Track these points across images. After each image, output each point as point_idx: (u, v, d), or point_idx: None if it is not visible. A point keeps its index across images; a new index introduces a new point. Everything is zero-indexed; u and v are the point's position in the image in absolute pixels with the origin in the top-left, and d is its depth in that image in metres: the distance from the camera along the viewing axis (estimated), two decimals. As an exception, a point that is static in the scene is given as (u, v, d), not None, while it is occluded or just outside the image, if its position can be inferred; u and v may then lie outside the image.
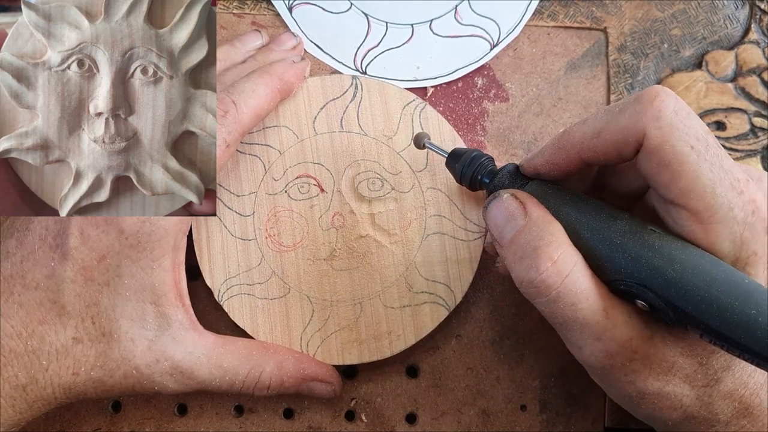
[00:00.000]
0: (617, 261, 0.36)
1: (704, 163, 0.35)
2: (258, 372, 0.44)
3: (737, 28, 0.51)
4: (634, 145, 0.36)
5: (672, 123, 0.35)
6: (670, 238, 0.36)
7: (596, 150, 0.38)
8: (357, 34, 0.51)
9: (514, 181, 0.41)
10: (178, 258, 0.43)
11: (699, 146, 0.35)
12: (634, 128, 0.36)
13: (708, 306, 0.34)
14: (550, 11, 0.51)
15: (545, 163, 0.40)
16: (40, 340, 0.40)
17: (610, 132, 0.37)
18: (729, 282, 0.34)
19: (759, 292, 0.33)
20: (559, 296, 0.37)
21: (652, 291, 0.35)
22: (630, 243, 0.36)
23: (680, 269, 0.35)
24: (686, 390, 0.38)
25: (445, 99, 0.51)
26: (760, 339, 0.32)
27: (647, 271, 0.35)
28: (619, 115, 0.37)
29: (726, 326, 0.33)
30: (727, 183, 0.35)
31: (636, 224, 0.37)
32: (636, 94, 0.37)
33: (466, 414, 0.49)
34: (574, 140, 0.39)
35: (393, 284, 0.48)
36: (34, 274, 0.41)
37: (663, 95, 0.36)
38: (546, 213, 0.38)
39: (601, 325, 0.37)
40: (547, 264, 0.37)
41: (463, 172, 0.43)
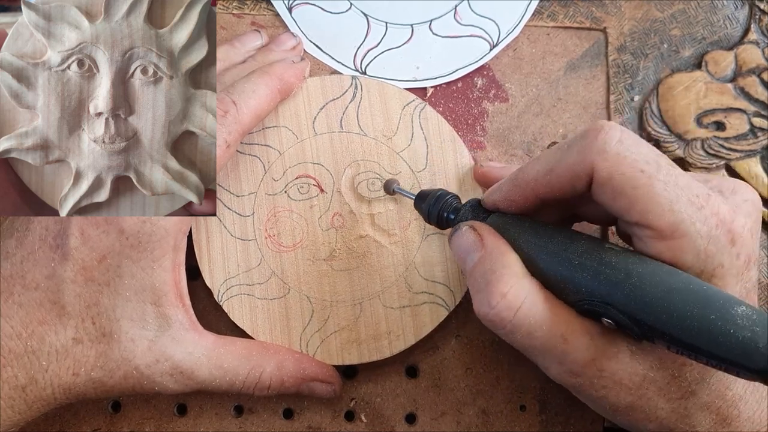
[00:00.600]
0: (577, 281, 0.37)
1: (658, 183, 0.36)
2: (258, 372, 0.44)
3: (737, 29, 0.51)
4: (585, 180, 0.37)
5: (618, 152, 0.36)
6: (628, 253, 0.36)
7: (550, 186, 0.39)
8: (357, 34, 0.51)
9: (476, 215, 0.42)
10: (178, 258, 0.43)
11: (649, 169, 0.36)
12: (583, 163, 0.37)
13: (668, 315, 0.34)
14: (549, 11, 0.51)
15: (503, 199, 0.41)
16: (39, 341, 0.40)
17: (561, 169, 0.38)
18: (687, 290, 0.34)
19: (717, 298, 0.34)
20: (515, 328, 0.38)
21: (614, 307, 0.36)
22: (588, 262, 0.36)
23: (638, 282, 0.35)
24: (661, 403, 0.38)
25: (444, 99, 0.51)
26: (721, 344, 0.33)
27: (606, 288, 0.36)
28: (567, 151, 0.38)
29: (687, 334, 0.33)
30: (685, 199, 0.36)
31: (593, 243, 0.37)
32: (583, 130, 0.38)
33: (466, 414, 0.49)
34: (528, 177, 0.40)
35: (393, 284, 0.48)
36: (34, 274, 0.40)
37: (607, 128, 0.37)
38: (501, 244, 0.39)
39: (561, 350, 0.38)
40: (498, 299, 0.37)
41: (429, 212, 0.44)
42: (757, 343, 0.32)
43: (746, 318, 0.32)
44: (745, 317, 0.33)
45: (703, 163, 0.50)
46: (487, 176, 0.48)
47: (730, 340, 0.32)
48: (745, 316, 0.33)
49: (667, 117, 0.50)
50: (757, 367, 0.32)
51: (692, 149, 0.50)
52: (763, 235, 0.50)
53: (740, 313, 0.33)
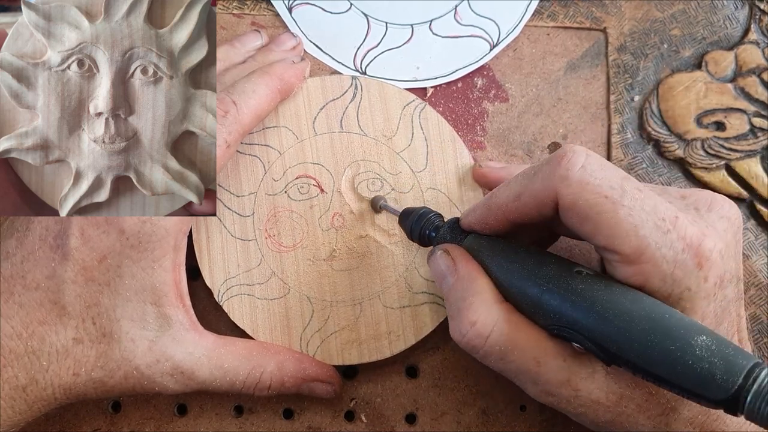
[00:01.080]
0: (545, 306, 0.37)
1: (622, 209, 0.36)
2: (258, 372, 0.44)
3: (737, 29, 0.51)
4: (551, 206, 0.38)
5: (581, 179, 0.37)
6: (594, 279, 0.37)
7: (519, 212, 0.39)
8: (357, 34, 0.51)
9: (454, 235, 0.43)
10: (178, 258, 0.43)
11: (613, 194, 0.36)
12: (547, 190, 0.37)
13: (629, 344, 0.34)
14: (549, 11, 0.51)
15: (477, 221, 0.41)
16: (40, 341, 0.40)
17: (527, 195, 0.38)
18: (648, 318, 0.34)
19: (678, 327, 0.34)
20: (486, 354, 0.39)
21: (580, 333, 0.36)
22: (555, 288, 0.37)
23: (601, 310, 0.35)
24: (641, 419, 0.38)
25: (444, 99, 0.51)
26: (680, 373, 0.33)
27: (572, 314, 0.36)
28: (534, 178, 0.38)
29: (648, 363, 0.34)
30: (651, 223, 0.36)
31: (562, 268, 0.38)
32: (549, 156, 0.38)
33: (466, 414, 0.49)
34: (499, 202, 0.40)
35: (393, 284, 0.48)
36: (35, 274, 0.40)
37: (570, 154, 0.37)
38: (473, 269, 0.40)
39: (534, 372, 0.38)
40: (467, 327, 0.38)
41: (412, 229, 0.44)
42: (714, 374, 0.32)
43: (705, 349, 0.33)
44: (704, 348, 0.33)
45: (703, 163, 0.50)
46: (486, 176, 0.48)
47: (688, 371, 0.33)
48: (704, 346, 0.33)
49: (667, 117, 0.50)
50: (716, 398, 0.32)
51: (692, 149, 0.50)
52: (763, 235, 0.50)
53: (700, 344, 0.33)
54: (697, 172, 0.50)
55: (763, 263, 0.50)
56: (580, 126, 0.51)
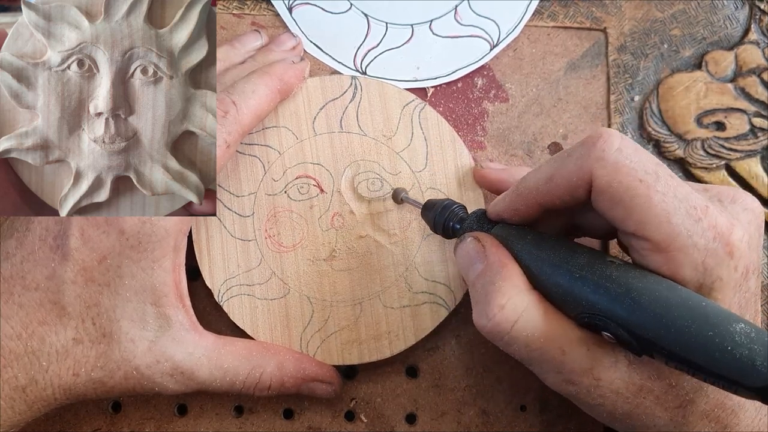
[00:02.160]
0: (578, 294, 0.37)
1: (656, 195, 0.36)
2: (258, 372, 0.44)
3: (737, 29, 0.51)
4: (584, 188, 0.37)
5: (616, 161, 0.36)
6: (628, 267, 0.36)
7: (551, 195, 0.39)
8: (357, 34, 0.51)
9: (481, 226, 0.42)
10: (178, 258, 0.43)
11: (648, 179, 0.36)
12: (581, 171, 0.37)
13: (666, 331, 0.34)
14: (549, 11, 0.51)
15: (506, 209, 0.41)
16: (40, 341, 0.40)
17: (560, 177, 0.38)
18: (685, 306, 0.34)
19: (715, 314, 0.33)
20: (512, 340, 0.38)
21: (613, 321, 0.36)
22: (588, 275, 0.37)
23: (637, 297, 0.35)
24: (658, 411, 0.38)
25: (444, 99, 0.51)
26: (718, 360, 0.33)
27: (606, 302, 0.36)
28: (567, 159, 0.38)
29: (685, 350, 0.33)
30: (683, 211, 0.36)
31: (594, 257, 0.37)
32: (583, 139, 0.38)
33: (466, 414, 0.49)
34: (530, 187, 0.40)
35: (393, 284, 0.48)
36: (35, 274, 0.40)
37: (606, 136, 0.37)
38: (503, 256, 0.40)
39: (558, 360, 0.38)
40: (495, 311, 0.38)
41: (436, 221, 0.44)
42: (755, 361, 0.32)
43: (744, 335, 0.32)
44: (743, 335, 0.33)
45: (704, 163, 0.50)
46: (486, 177, 0.48)
47: (727, 358, 0.32)
48: (744, 333, 0.33)
49: (668, 117, 0.50)
50: (754, 385, 0.32)
51: (692, 149, 0.50)
52: (763, 235, 0.50)
53: (739, 331, 0.33)
54: (697, 172, 0.50)
55: (763, 263, 0.50)
56: (580, 126, 0.51)
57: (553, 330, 0.38)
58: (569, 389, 0.39)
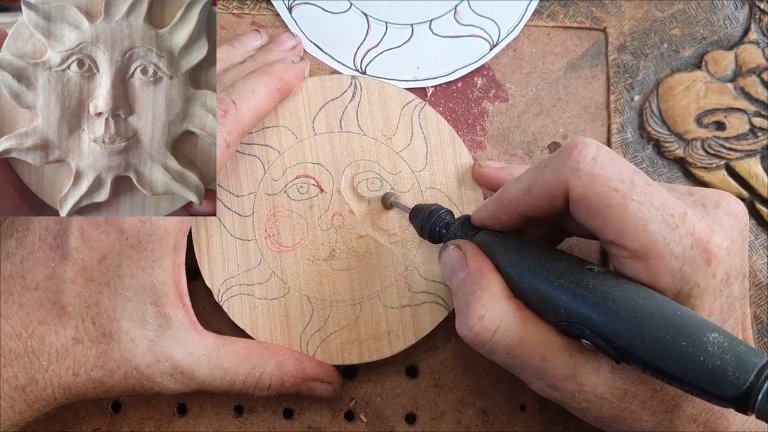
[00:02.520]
0: (557, 302, 0.37)
1: (632, 203, 0.36)
2: (258, 372, 0.44)
3: (737, 28, 0.51)
4: (562, 198, 0.38)
5: (591, 171, 0.36)
6: (606, 276, 0.37)
7: (530, 205, 0.39)
8: (356, 34, 0.51)
9: (465, 232, 0.43)
10: (178, 258, 0.43)
11: (624, 188, 0.36)
12: (558, 182, 0.37)
13: (641, 340, 0.34)
14: (549, 11, 0.51)
15: (489, 217, 0.42)
16: (40, 341, 0.40)
17: (538, 188, 0.38)
18: (660, 315, 0.34)
19: (690, 324, 0.34)
20: (493, 348, 0.39)
21: (591, 329, 0.36)
22: (567, 284, 0.37)
23: (613, 306, 0.35)
24: (644, 416, 0.38)
25: (444, 99, 0.51)
26: (691, 370, 0.33)
27: (584, 310, 0.36)
28: (544, 170, 0.38)
29: (660, 359, 0.34)
30: (660, 219, 0.36)
31: (573, 265, 0.38)
32: (560, 148, 0.38)
33: (466, 414, 0.49)
34: (510, 197, 0.40)
35: (392, 284, 0.48)
36: (34, 274, 0.40)
37: (581, 146, 0.37)
38: (483, 265, 0.40)
39: (540, 367, 0.38)
40: (475, 321, 0.38)
41: (423, 225, 0.45)
42: (726, 371, 0.32)
43: (717, 345, 0.33)
44: (716, 344, 0.33)
45: (703, 163, 0.50)
46: (485, 176, 0.48)
47: (700, 368, 0.33)
48: (717, 343, 0.33)
49: (667, 117, 0.50)
50: (727, 395, 0.32)
51: (692, 149, 0.50)
52: (763, 235, 0.50)
53: (712, 341, 0.33)
54: (697, 171, 0.50)
55: (763, 263, 0.50)
56: (580, 126, 0.51)
57: (532, 337, 0.38)
58: (554, 394, 0.39)
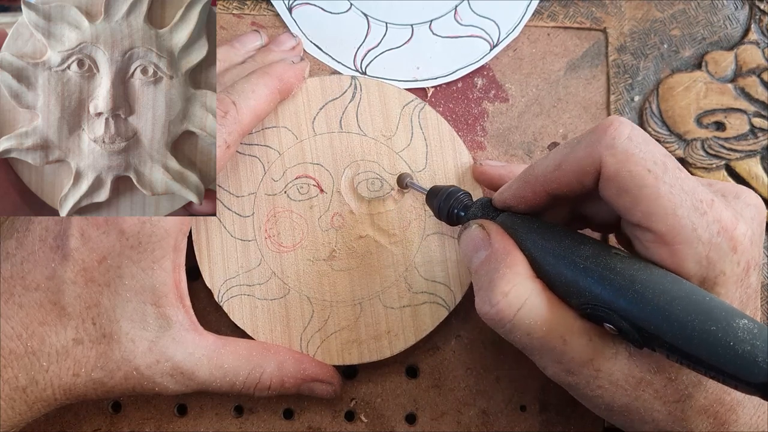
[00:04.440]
0: (582, 285, 0.37)
1: (663, 186, 0.36)
2: (258, 373, 0.44)
3: (737, 29, 0.51)
4: (593, 175, 0.37)
5: (626, 149, 0.36)
6: (633, 260, 0.36)
7: (559, 182, 0.39)
8: (357, 34, 0.51)
9: (486, 214, 0.42)
10: (178, 259, 0.43)
11: (656, 169, 0.36)
12: (591, 158, 0.37)
13: (669, 324, 0.34)
14: (549, 11, 0.51)
15: (513, 196, 0.41)
16: (40, 342, 0.40)
17: (569, 163, 0.38)
18: (689, 300, 0.34)
19: (719, 309, 0.33)
20: (514, 327, 0.38)
21: (616, 313, 0.36)
22: (593, 266, 0.36)
23: (641, 289, 0.35)
24: (657, 405, 0.38)
25: (444, 99, 0.51)
26: (720, 355, 0.33)
27: (609, 293, 0.36)
28: (576, 146, 0.38)
29: (688, 344, 0.33)
30: (689, 204, 0.36)
31: (599, 248, 0.37)
32: (593, 126, 0.38)
33: (466, 414, 0.49)
34: (537, 174, 0.40)
35: (393, 284, 0.48)
36: (35, 275, 0.40)
37: (617, 123, 0.37)
38: (508, 244, 0.40)
39: (559, 350, 0.38)
40: (499, 297, 0.38)
41: (440, 207, 0.44)
42: (757, 357, 0.32)
43: (747, 331, 0.32)
44: (746, 330, 0.32)
45: (704, 163, 0.50)
46: (485, 174, 0.48)
47: (729, 353, 0.32)
48: (746, 329, 0.32)
49: (667, 117, 0.50)
50: (756, 381, 0.32)
51: (692, 149, 0.50)
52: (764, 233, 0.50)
53: (741, 326, 0.33)
54: (697, 172, 0.50)
55: (763, 263, 0.50)
56: (580, 126, 0.51)
57: (555, 319, 0.38)
58: (569, 380, 0.39)
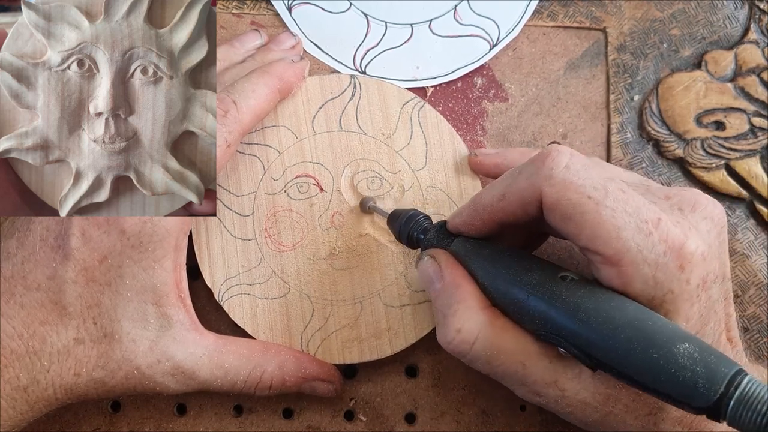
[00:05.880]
0: (531, 311, 0.37)
1: (605, 210, 0.36)
2: (259, 372, 0.44)
3: (736, 28, 0.51)
4: (535, 204, 0.38)
5: (565, 178, 0.37)
6: (578, 286, 0.37)
7: (505, 211, 0.39)
8: (356, 33, 0.51)
9: (441, 238, 0.43)
10: (179, 258, 0.43)
11: (597, 195, 0.36)
12: (532, 188, 0.38)
13: (613, 351, 0.34)
14: (549, 11, 0.51)
15: (464, 223, 0.42)
16: (41, 341, 0.40)
17: (512, 194, 0.39)
18: (632, 326, 0.34)
19: (661, 334, 0.34)
20: (474, 359, 0.39)
21: (564, 339, 0.36)
22: (540, 294, 0.37)
23: (585, 317, 0.35)
24: (629, 419, 0.39)
25: (444, 99, 0.51)
26: (664, 382, 0.33)
27: (557, 320, 0.36)
28: (518, 177, 0.39)
29: (632, 370, 0.34)
30: (633, 226, 0.36)
31: (547, 274, 0.38)
32: (533, 156, 0.39)
33: (466, 414, 0.49)
34: (485, 203, 0.40)
35: (393, 283, 0.48)
36: (36, 274, 0.40)
37: (554, 153, 0.38)
38: (458, 275, 0.40)
39: (521, 374, 0.39)
40: (453, 334, 0.39)
41: (400, 231, 0.45)
42: (697, 383, 0.32)
43: (688, 356, 0.33)
44: (686, 356, 0.33)
45: (703, 163, 0.50)
46: (482, 164, 0.48)
47: (671, 379, 0.33)
48: (687, 354, 0.33)
49: (667, 117, 0.51)
50: (699, 406, 0.32)
51: (692, 149, 0.50)
52: (763, 235, 0.50)
53: (682, 351, 0.33)
54: (696, 171, 0.50)
55: (763, 263, 0.50)
56: (580, 126, 0.51)
57: (510, 346, 0.39)
58: (538, 400, 0.39)
